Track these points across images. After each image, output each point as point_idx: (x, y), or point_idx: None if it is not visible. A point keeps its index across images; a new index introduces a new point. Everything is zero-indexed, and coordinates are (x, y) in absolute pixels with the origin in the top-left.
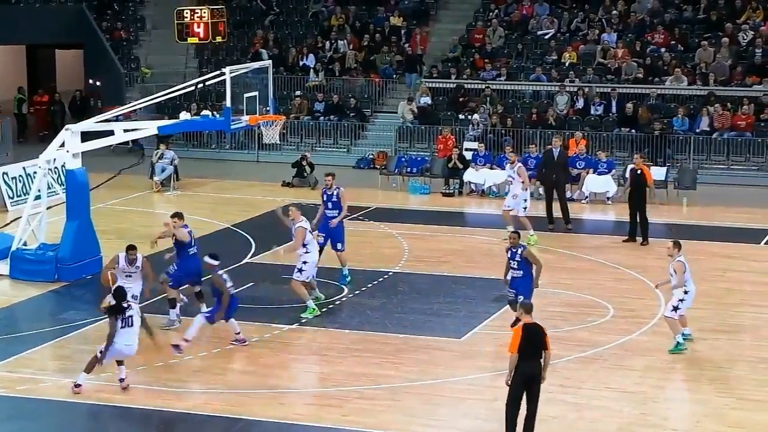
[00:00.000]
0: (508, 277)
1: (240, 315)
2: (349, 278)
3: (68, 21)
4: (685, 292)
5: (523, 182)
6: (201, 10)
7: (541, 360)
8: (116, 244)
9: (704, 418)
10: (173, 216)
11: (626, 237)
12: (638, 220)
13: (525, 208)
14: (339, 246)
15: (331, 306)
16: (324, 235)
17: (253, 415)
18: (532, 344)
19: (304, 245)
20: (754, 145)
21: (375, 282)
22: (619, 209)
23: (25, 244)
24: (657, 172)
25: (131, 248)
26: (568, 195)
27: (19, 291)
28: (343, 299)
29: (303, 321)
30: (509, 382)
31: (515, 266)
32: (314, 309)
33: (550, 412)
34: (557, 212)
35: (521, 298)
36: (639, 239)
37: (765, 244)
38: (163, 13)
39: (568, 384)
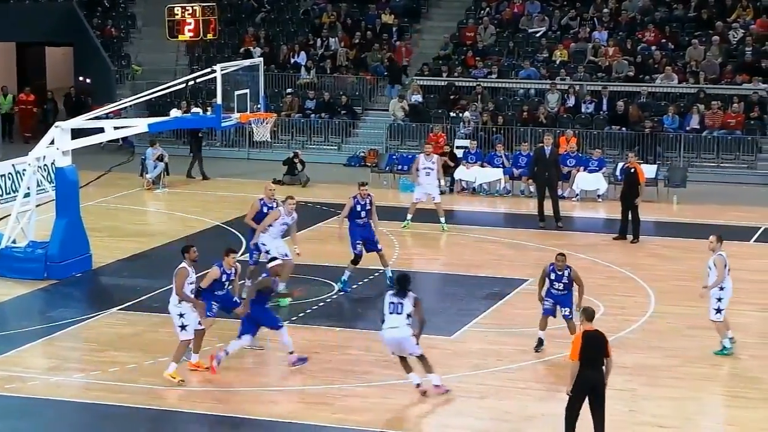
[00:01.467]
0: (545, 294)
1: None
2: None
3: (58, 18)
4: (721, 289)
5: (438, 171)
6: (192, 7)
7: (603, 367)
8: (106, 242)
9: (694, 415)
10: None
11: (617, 235)
12: (630, 218)
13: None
14: (379, 246)
15: (321, 304)
16: (361, 242)
17: (241, 413)
18: (594, 351)
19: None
20: (744, 143)
21: (365, 280)
22: (610, 207)
23: (14, 241)
24: (647, 170)
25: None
26: (559, 193)
27: (7, 289)
28: (334, 297)
29: (293, 318)
30: (570, 391)
31: (560, 288)
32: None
33: (540, 409)
34: (548, 210)
35: (564, 310)
36: (629, 237)
37: (755, 242)
38: (153, 11)
39: (558, 382)
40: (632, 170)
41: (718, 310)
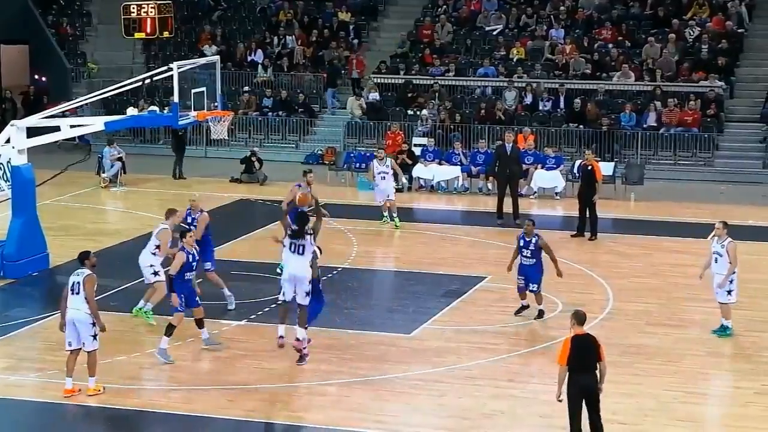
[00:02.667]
0: (516, 264)
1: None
2: None
3: (13, 16)
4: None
5: (395, 174)
6: (148, 5)
7: (597, 372)
8: (63, 240)
9: (653, 412)
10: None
11: (575, 232)
12: (587, 216)
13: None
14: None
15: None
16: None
17: (202, 411)
18: (585, 356)
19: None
20: (700, 140)
21: (324, 278)
22: (567, 204)
23: None
24: (605, 168)
25: None
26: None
27: None
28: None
29: (252, 317)
30: (560, 397)
31: (528, 254)
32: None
33: (498, 406)
34: (507, 208)
35: (533, 285)
36: (587, 234)
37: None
38: (109, 9)
39: (517, 379)
40: (590, 168)
41: (730, 292)
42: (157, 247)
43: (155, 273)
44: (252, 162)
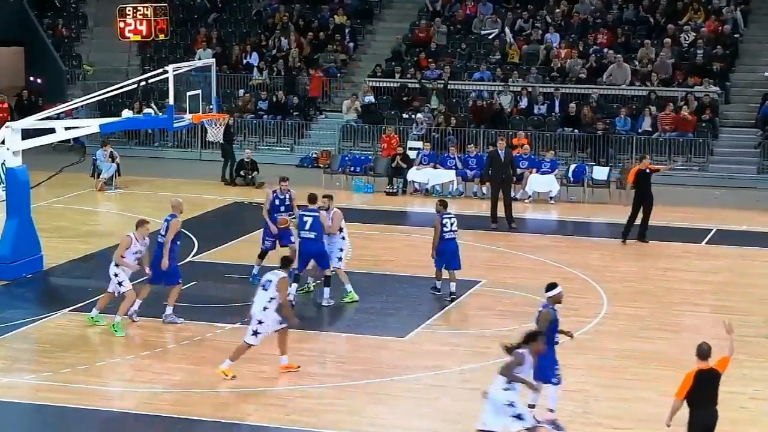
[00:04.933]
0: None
1: (183, 314)
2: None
3: (9, 18)
4: None
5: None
6: (143, 7)
7: (717, 407)
8: (57, 242)
9: (645, 416)
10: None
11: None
12: (641, 219)
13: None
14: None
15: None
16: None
17: (195, 415)
18: (707, 392)
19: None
20: (695, 145)
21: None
22: (562, 209)
23: None
24: (599, 172)
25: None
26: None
27: None
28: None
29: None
30: (669, 424)
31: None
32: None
33: None
34: (500, 212)
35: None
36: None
37: (706, 243)
38: (105, 11)
39: None
40: (648, 171)
41: None
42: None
43: (120, 283)
44: (247, 165)
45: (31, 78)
